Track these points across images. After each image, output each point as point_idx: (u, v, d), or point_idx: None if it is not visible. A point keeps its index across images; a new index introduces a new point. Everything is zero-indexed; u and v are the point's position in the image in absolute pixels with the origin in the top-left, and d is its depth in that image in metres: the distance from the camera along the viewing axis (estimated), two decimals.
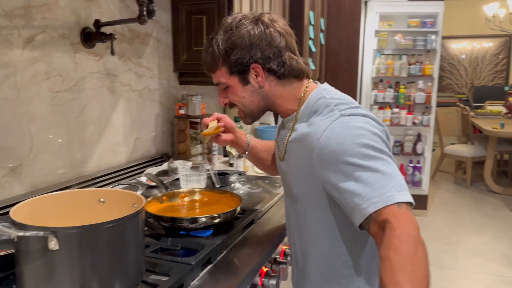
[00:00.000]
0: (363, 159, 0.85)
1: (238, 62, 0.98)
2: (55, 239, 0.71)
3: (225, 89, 1.04)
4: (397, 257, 0.75)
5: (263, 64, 0.98)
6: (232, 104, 1.06)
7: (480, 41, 7.42)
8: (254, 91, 1.01)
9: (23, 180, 1.35)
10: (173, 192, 1.34)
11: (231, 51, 0.97)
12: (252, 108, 1.04)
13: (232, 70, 0.99)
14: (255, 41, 0.96)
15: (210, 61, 1.01)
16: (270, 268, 1.21)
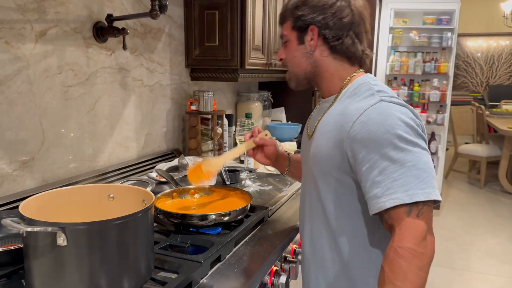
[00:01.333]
0: (394, 151, 0.86)
1: (300, 18, 1.00)
2: (64, 235, 0.71)
3: (285, 44, 1.07)
4: (389, 271, 0.83)
5: (320, 29, 0.99)
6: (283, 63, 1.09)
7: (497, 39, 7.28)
8: (305, 54, 1.03)
9: (35, 174, 1.35)
10: (183, 188, 1.33)
11: (299, 7, 1.01)
12: (298, 70, 1.06)
13: (294, 24, 1.03)
14: (323, 5, 0.98)
15: (282, 12, 1.06)
16: (280, 267, 1.20)
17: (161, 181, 1.63)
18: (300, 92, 2.94)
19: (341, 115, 0.96)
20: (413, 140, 0.87)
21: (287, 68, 1.08)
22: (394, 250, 0.83)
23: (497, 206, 4.50)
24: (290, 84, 1.11)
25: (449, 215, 4.23)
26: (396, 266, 0.82)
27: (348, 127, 0.91)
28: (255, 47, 2.10)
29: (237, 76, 2.05)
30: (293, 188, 1.62)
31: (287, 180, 1.73)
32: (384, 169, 0.85)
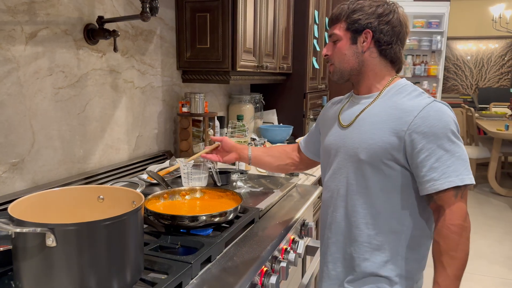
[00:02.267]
0: (448, 143, 1.06)
1: (357, 21, 1.14)
2: (53, 236, 0.71)
3: (334, 43, 1.19)
4: (444, 244, 1.06)
5: (374, 33, 1.14)
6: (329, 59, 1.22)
7: (486, 43, 7.37)
8: (355, 53, 1.17)
9: (25, 175, 1.35)
10: (174, 190, 1.34)
11: (356, 11, 1.14)
12: (346, 67, 1.19)
13: (349, 26, 1.15)
14: (378, 13, 1.13)
15: (337, 13, 1.18)
16: (271, 268, 1.21)
17: (152, 182, 1.64)
18: (292, 94, 2.96)
19: (395, 109, 1.12)
20: (458, 136, 1.09)
21: (333, 63, 1.21)
22: (447, 227, 1.06)
23: (487, 207, 4.55)
24: (333, 77, 1.23)
25: None
26: (450, 240, 1.05)
27: (409, 120, 1.08)
28: (246, 50, 2.11)
29: (229, 78, 2.06)
30: (283, 189, 1.63)
31: (278, 182, 1.74)
32: (440, 157, 1.06)
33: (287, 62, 2.80)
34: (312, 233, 1.55)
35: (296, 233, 1.47)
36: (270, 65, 2.43)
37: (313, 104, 3.10)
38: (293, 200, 1.59)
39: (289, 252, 1.30)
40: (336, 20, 1.19)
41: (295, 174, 1.95)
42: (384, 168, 1.11)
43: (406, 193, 1.13)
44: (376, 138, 1.11)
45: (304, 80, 2.92)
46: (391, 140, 1.09)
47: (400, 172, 1.11)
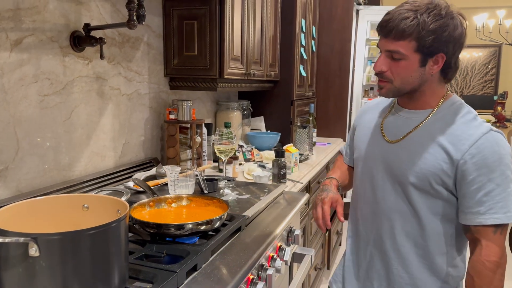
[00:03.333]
0: (501, 177, 1.04)
1: (432, 45, 1.04)
2: (36, 246, 0.70)
3: (394, 60, 1.09)
4: (478, 280, 1.06)
5: (447, 57, 1.07)
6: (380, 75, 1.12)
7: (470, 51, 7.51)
8: (422, 75, 1.09)
9: (8, 183, 1.33)
10: (160, 198, 1.33)
11: (431, 33, 1.03)
12: (406, 87, 1.11)
13: (421, 49, 1.05)
14: (455, 36, 1.04)
15: (404, 29, 1.04)
16: (257, 275, 1.21)
17: (138, 190, 1.63)
18: (279, 101, 2.98)
19: (450, 134, 1.09)
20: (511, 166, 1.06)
21: (390, 81, 1.12)
22: (482, 263, 1.05)
23: None
24: (386, 94, 1.16)
25: None
26: (483, 276, 1.05)
27: (464, 150, 1.05)
28: (233, 57, 2.12)
29: (216, 85, 2.07)
30: (270, 196, 1.64)
31: (265, 189, 1.75)
32: (490, 192, 1.04)
33: (275, 69, 2.82)
34: (299, 241, 1.56)
35: (283, 240, 1.47)
36: (257, 72, 2.44)
37: (300, 111, 3.12)
38: (280, 207, 1.59)
39: (276, 259, 1.30)
40: (400, 36, 1.05)
41: (282, 181, 1.96)
42: (432, 192, 1.11)
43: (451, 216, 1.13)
44: (428, 163, 1.09)
45: (292, 87, 2.94)
46: (444, 166, 1.08)
47: (447, 196, 1.11)
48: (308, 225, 2.38)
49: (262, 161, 2.46)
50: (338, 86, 3.64)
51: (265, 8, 2.52)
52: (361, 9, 4.02)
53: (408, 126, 1.15)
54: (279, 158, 1.97)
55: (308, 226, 2.39)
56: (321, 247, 2.84)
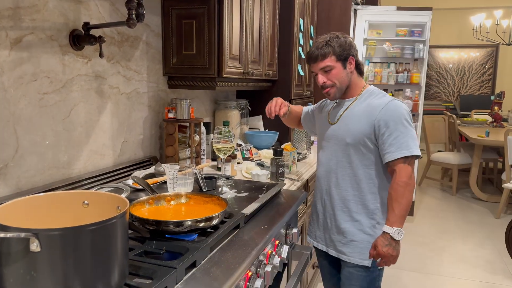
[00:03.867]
0: (402, 126, 1.56)
1: (343, 54, 1.61)
2: (37, 241, 0.71)
3: (327, 72, 1.62)
4: (394, 193, 1.57)
5: (354, 58, 1.65)
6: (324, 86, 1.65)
7: (467, 51, 7.54)
8: (347, 74, 1.65)
9: (8, 181, 1.34)
10: (159, 195, 1.34)
11: (340, 47, 1.61)
12: (343, 85, 1.65)
13: (339, 58, 1.61)
14: (352, 45, 1.65)
15: (326, 51, 1.61)
16: (255, 272, 1.22)
17: (137, 188, 1.63)
18: None
19: (368, 106, 1.62)
20: (411, 122, 1.60)
21: (334, 86, 1.64)
22: (396, 182, 1.56)
23: (468, 213, 4.64)
24: (334, 97, 1.68)
25: (422, 221, 4.33)
26: (397, 191, 1.56)
27: (377, 112, 1.58)
28: (232, 56, 2.13)
29: (215, 84, 2.08)
30: (269, 194, 1.65)
31: (263, 187, 1.76)
32: (396, 136, 1.55)
33: (273, 69, 2.83)
34: (297, 238, 1.57)
35: (281, 238, 1.49)
36: (256, 71, 2.45)
37: None
38: (278, 205, 1.61)
39: (274, 256, 1.31)
40: (324, 56, 1.61)
41: (281, 179, 1.97)
42: (362, 148, 1.62)
43: (378, 165, 1.63)
44: (357, 128, 1.62)
45: (290, 86, 2.95)
46: (367, 127, 1.60)
47: (373, 149, 1.61)
48: (306, 223, 2.39)
49: (260, 160, 2.47)
50: None
51: (263, 7, 2.53)
52: (359, 9, 4.03)
53: (341, 110, 1.70)
54: (277, 157, 1.98)
55: (306, 224, 2.40)
56: None
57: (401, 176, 1.55)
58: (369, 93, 1.67)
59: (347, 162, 1.66)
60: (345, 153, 1.66)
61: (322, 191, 1.77)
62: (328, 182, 1.74)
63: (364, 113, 1.62)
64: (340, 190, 1.69)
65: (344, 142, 1.65)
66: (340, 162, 1.69)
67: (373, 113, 1.59)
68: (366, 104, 1.63)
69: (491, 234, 4.01)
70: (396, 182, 1.56)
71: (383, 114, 1.57)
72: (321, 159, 1.78)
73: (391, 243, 1.56)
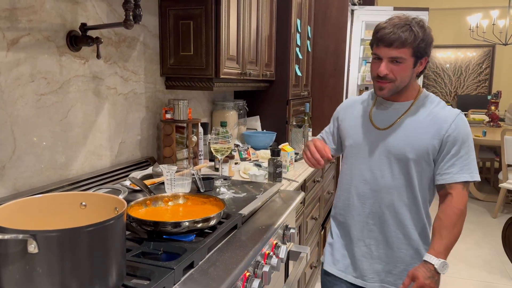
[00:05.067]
0: (468, 146, 1.39)
1: (422, 50, 1.35)
2: (35, 242, 0.71)
3: (395, 64, 1.35)
4: (446, 220, 1.38)
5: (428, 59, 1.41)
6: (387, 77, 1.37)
7: (464, 51, 7.56)
8: (412, 74, 1.40)
9: (5, 182, 1.33)
10: (157, 196, 1.34)
11: (423, 41, 1.33)
12: (403, 84, 1.40)
13: (415, 53, 1.34)
14: (432, 43, 1.38)
15: (406, 39, 1.31)
16: (253, 272, 1.22)
17: (134, 189, 1.63)
18: (275, 101, 2.99)
19: (434, 117, 1.41)
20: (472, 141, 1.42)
21: (393, 81, 1.38)
22: (452, 209, 1.38)
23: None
24: (387, 94, 1.41)
25: None
26: (451, 218, 1.38)
27: (447, 126, 1.38)
28: (229, 57, 2.13)
29: (212, 85, 2.08)
30: (266, 195, 1.65)
31: (261, 187, 1.76)
32: (461, 157, 1.38)
33: (270, 69, 2.83)
34: (295, 239, 1.57)
35: (279, 238, 1.49)
36: (253, 72, 2.45)
37: (296, 111, 3.13)
38: (276, 205, 1.61)
39: (272, 257, 1.31)
40: (403, 45, 1.32)
41: (278, 179, 1.98)
42: (424, 164, 1.41)
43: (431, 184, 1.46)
44: (421, 141, 1.40)
45: (287, 87, 2.95)
46: (435, 142, 1.39)
47: (432, 167, 1.43)
48: (303, 223, 2.40)
49: (258, 160, 2.47)
50: (333, 86, 3.66)
51: (260, 8, 2.53)
52: (356, 9, 4.04)
53: (396, 115, 1.45)
54: (274, 157, 1.98)
55: (303, 224, 2.40)
56: (316, 245, 2.85)
57: (458, 202, 1.37)
58: (427, 99, 1.45)
59: (406, 180, 1.43)
60: (403, 169, 1.43)
61: (364, 213, 1.51)
62: (378, 203, 1.48)
63: (430, 124, 1.40)
64: (396, 214, 1.46)
65: (403, 157, 1.41)
66: (396, 180, 1.44)
67: (442, 126, 1.38)
68: (430, 113, 1.41)
69: (488, 234, 4.03)
70: (451, 208, 1.37)
71: (453, 129, 1.37)
72: (361, 173, 1.50)
73: (434, 275, 1.34)
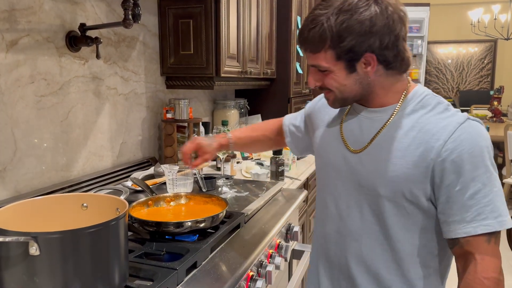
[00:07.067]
0: (485, 174, 0.85)
1: (351, 49, 0.87)
2: (36, 245, 0.71)
3: (323, 72, 0.93)
4: None
5: (378, 55, 0.88)
6: (322, 88, 0.97)
7: (466, 46, 7.53)
8: (358, 80, 0.92)
9: (7, 184, 1.33)
10: (159, 196, 1.34)
11: (346, 37, 0.86)
12: (348, 96, 0.95)
13: (341, 56, 0.89)
14: (377, 28, 0.85)
15: (315, 41, 0.89)
16: (256, 272, 1.21)
17: (136, 189, 1.63)
18: (276, 99, 2.98)
19: (420, 131, 0.90)
20: (494, 163, 0.87)
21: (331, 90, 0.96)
22: (480, 281, 0.85)
23: None
24: (334, 106, 1.00)
25: None
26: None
27: (439, 146, 0.86)
28: (230, 56, 2.12)
29: (213, 84, 2.07)
30: (269, 194, 1.64)
31: (263, 186, 1.75)
32: (475, 193, 0.84)
33: (271, 67, 2.82)
34: (298, 237, 1.56)
35: (282, 237, 1.48)
36: (254, 70, 2.44)
37: (297, 109, 3.12)
38: (278, 204, 1.60)
39: (275, 256, 1.30)
40: (315, 49, 0.90)
41: (280, 178, 1.97)
42: (406, 205, 0.91)
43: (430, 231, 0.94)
44: (398, 170, 0.90)
45: (288, 85, 2.94)
46: (417, 171, 0.88)
47: (426, 210, 0.92)
48: (306, 221, 2.39)
49: (260, 159, 2.47)
50: None
51: (260, 5, 2.52)
52: None
53: (373, 128, 0.96)
54: (277, 156, 1.97)
55: (307, 223, 2.39)
56: None
57: (487, 268, 0.85)
58: (418, 102, 0.93)
59: (380, 225, 0.96)
60: (375, 209, 0.95)
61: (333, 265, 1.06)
62: (343, 252, 1.02)
63: (412, 143, 0.90)
64: (369, 271, 0.99)
65: (374, 192, 0.94)
66: (366, 223, 0.97)
67: (431, 144, 0.87)
68: (414, 124, 0.91)
69: None
70: (478, 279, 0.85)
71: (452, 147, 0.85)
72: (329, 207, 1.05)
73: None
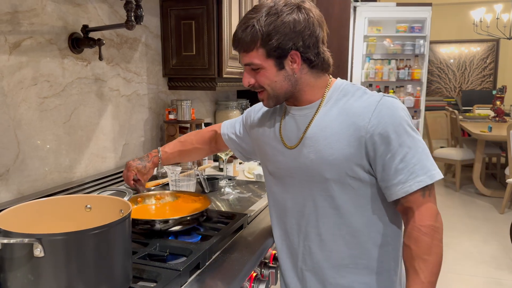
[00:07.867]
0: (408, 136, 0.98)
1: (279, 47, 0.99)
2: (40, 246, 0.71)
3: (255, 70, 1.05)
4: (416, 248, 0.97)
5: (302, 53, 1.01)
6: (255, 86, 1.08)
7: (468, 46, 7.52)
8: (286, 77, 1.04)
9: (10, 186, 1.33)
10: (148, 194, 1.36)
11: (273, 35, 0.98)
12: (280, 92, 1.06)
13: (270, 53, 1.01)
14: (299, 29, 0.99)
15: (248, 41, 1.01)
16: (260, 273, 1.21)
17: None
18: None
19: (345, 115, 1.02)
20: (413, 126, 1.02)
21: (265, 89, 1.07)
22: (417, 229, 0.98)
23: (472, 208, 4.62)
24: (268, 104, 1.10)
25: None
26: (421, 242, 0.97)
27: (365, 124, 0.99)
28: (232, 56, 2.12)
29: (215, 84, 2.07)
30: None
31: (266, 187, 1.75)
32: (404, 156, 0.97)
33: None
34: None
35: None
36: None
37: None
38: None
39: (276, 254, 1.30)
40: (248, 48, 1.02)
41: None
42: (351, 182, 1.03)
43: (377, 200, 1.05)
44: (336, 153, 1.01)
45: None
46: (353, 149, 1.00)
47: (369, 180, 1.03)
48: None
49: None
50: None
51: None
52: (358, 6, 4.02)
53: (303, 123, 1.08)
54: None
55: None
56: None
57: (423, 217, 0.98)
58: (340, 92, 1.07)
59: (332, 207, 1.06)
60: (325, 193, 1.06)
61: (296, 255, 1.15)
62: (304, 241, 1.12)
63: (342, 126, 1.02)
64: (329, 253, 1.08)
65: (321, 178, 1.05)
66: (320, 209, 1.07)
67: (358, 124, 1.00)
68: (339, 111, 1.04)
69: (495, 230, 4.00)
70: (416, 227, 0.98)
71: (376, 123, 0.98)
72: (283, 203, 1.15)
73: None
